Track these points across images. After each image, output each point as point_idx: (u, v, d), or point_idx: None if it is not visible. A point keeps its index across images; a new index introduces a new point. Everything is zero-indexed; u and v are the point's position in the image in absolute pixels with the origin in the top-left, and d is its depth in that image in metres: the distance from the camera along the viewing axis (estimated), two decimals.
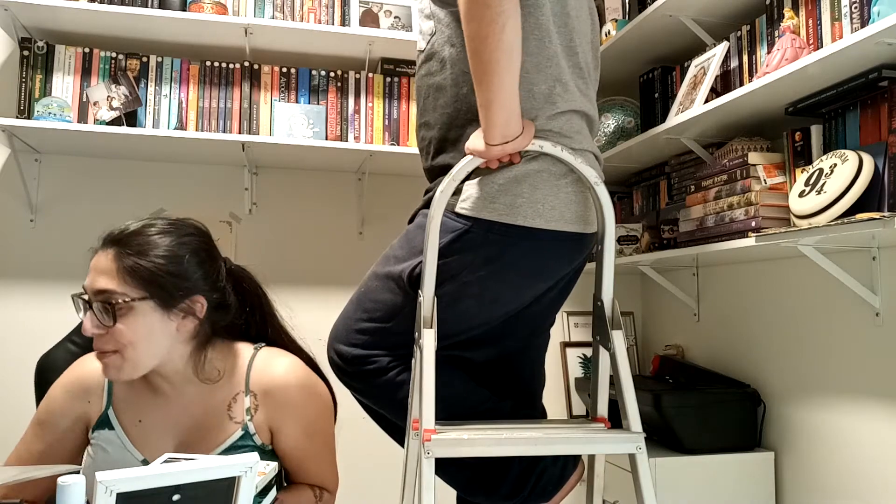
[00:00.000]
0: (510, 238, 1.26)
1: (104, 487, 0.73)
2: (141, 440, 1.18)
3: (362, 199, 2.53)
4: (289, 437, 1.21)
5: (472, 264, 1.27)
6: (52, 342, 1.45)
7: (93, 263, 1.15)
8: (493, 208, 1.25)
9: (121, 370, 1.13)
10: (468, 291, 1.29)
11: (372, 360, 1.34)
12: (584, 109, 1.34)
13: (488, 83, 1.15)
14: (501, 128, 1.17)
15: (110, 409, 1.21)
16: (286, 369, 1.22)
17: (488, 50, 1.12)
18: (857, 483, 1.73)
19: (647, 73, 2.36)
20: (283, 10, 2.33)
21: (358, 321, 1.36)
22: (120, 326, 1.11)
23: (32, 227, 2.30)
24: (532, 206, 1.25)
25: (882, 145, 1.49)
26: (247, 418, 1.19)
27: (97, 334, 1.12)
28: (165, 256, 1.14)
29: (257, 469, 0.84)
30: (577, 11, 1.36)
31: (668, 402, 1.93)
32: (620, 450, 1.12)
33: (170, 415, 1.20)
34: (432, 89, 1.37)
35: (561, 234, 1.28)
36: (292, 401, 1.21)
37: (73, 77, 2.19)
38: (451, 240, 1.26)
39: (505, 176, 1.26)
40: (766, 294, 2.06)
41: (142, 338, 1.13)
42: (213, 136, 2.16)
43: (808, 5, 1.70)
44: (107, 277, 1.12)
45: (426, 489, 1.04)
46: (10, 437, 1.18)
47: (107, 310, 1.11)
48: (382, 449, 2.23)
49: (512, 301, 1.35)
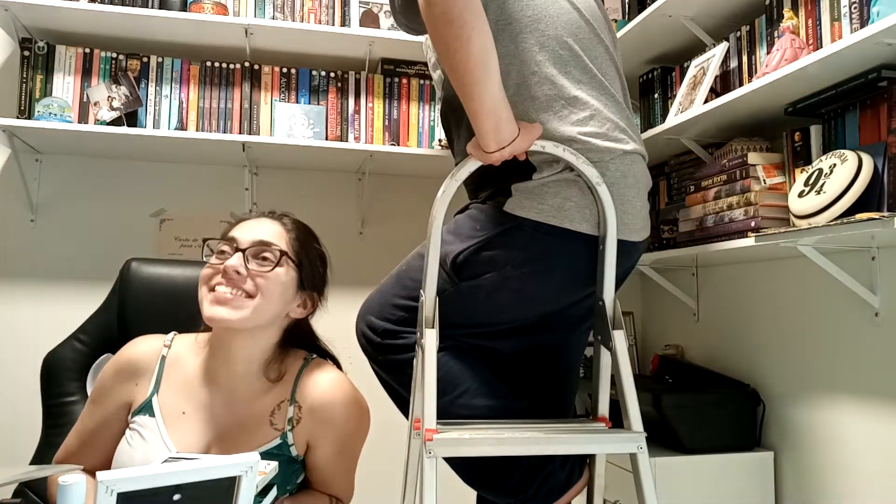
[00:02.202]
0: (557, 239, 1.28)
1: (104, 487, 0.73)
2: (179, 432, 1.17)
3: (362, 199, 2.53)
4: (325, 453, 1.21)
5: (516, 259, 1.29)
6: (53, 342, 1.45)
7: (250, 224, 1.23)
8: (542, 209, 1.27)
9: (241, 311, 1.16)
10: (508, 285, 1.31)
11: (402, 335, 1.35)
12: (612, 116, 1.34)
13: (469, 95, 1.17)
14: (493, 134, 1.18)
15: (155, 396, 1.20)
16: (334, 386, 1.22)
17: (461, 64, 1.15)
18: (857, 483, 1.73)
19: (647, 74, 2.37)
20: (284, 10, 2.34)
21: (395, 296, 1.38)
22: (270, 274, 1.18)
23: (33, 227, 2.30)
24: (580, 210, 1.27)
25: (881, 145, 1.49)
26: (287, 428, 1.18)
27: (239, 275, 1.16)
28: (318, 249, 1.29)
29: (258, 469, 0.84)
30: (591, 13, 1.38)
31: (668, 402, 1.93)
32: (621, 449, 1.13)
33: (214, 411, 1.19)
34: (451, 91, 1.39)
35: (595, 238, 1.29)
36: (335, 419, 1.21)
37: (74, 77, 2.20)
38: (499, 232, 1.29)
39: (554, 179, 1.28)
40: (766, 294, 2.07)
41: (276, 295, 1.19)
42: (213, 137, 2.16)
43: (808, 6, 1.71)
44: (273, 235, 1.22)
45: (427, 489, 1.04)
46: (12, 435, 1.18)
47: (265, 257, 1.19)
48: (384, 448, 2.24)
49: (548, 302, 1.36)
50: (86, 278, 2.32)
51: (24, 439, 1.22)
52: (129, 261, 1.47)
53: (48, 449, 1.35)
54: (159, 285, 1.44)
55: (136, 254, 1.60)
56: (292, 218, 1.29)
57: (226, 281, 1.16)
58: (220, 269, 1.17)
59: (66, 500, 0.74)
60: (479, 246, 1.30)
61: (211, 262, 1.20)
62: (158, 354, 1.23)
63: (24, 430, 1.24)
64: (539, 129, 1.23)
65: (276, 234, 1.22)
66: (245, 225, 1.24)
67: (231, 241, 1.20)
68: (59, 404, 1.40)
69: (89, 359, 1.44)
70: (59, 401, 1.40)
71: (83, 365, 1.43)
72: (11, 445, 1.21)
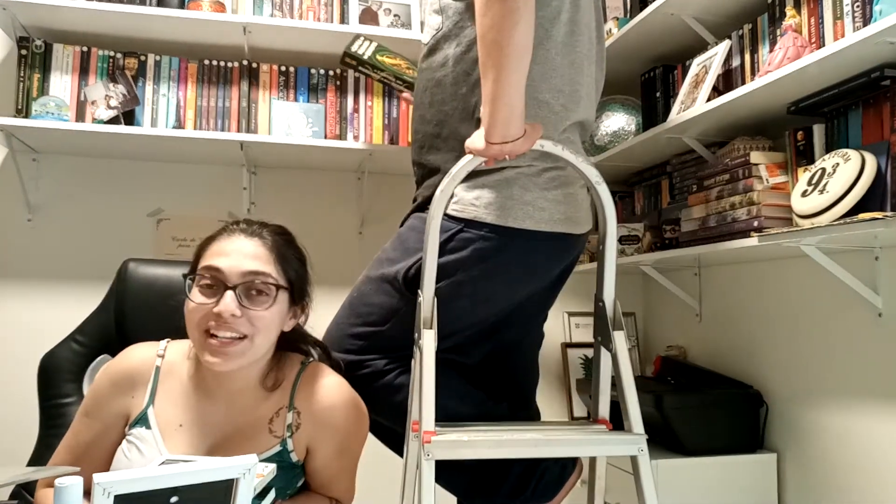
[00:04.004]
0: (502, 239, 1.28)
1: (101, 489, 0.72)
2: (176, 444, 1.15)
3: (362, 198, 2.52)
4: (325, 456, 1.20)
5: (465, 264, 1.29)
6: (50, 342, 1.44)
7: (233, 247, 1.14)
8: (485, 210, 1.27)
9: (243, 357, 1.12)
10: (462, 291, 1.30)
11: (367, 364, 1.33)
12: (584, 118, 1.38)
13: (495, 78, 1.14)
14: (502, 125, 1.16)
15: (151, 408, 1.16)
16: (333, 390, 1.20)
17: (499, 45, 1.13)
18: (861, 484, 1.72)
19: (649, 72, 2.35)
20: (282, 8, 2.32)
21: (351, 326, 1.36)
22: (267, 311, 1.12)
23: (30, 227, 2.29)
24: (522, 207, 1.28)
25: (884, 144, 1.48)
26: (287, 434, 1.17)
27: (234, 318, 1.09)
28: (300, 254, 1.21)
29: (255, 471, 0.83)
30: (588, 19, 1.37)
31: (670, 404, 1.92)
32: (622, 451, 1.11)
33: (211, 421, 1.16)
34: (431, 83, 1.38)
35: (550, 234, 1.31)
36: (336, 422, 1.19)
37: (71, 76, 2.18)
38: (444, 240, 1.27)
39: (495, 178, 1.29)
40: (769, 294, 2.05)
41: (273, 326, 1.14)
42: (211, 136, 2.15)
43: (810, 4, 1.70)
44: (261, 261, 1.13)
45: (426, 491, 1.03)
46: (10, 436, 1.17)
47: (260, 292, 1.12)
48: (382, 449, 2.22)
49: (504, 300, 1.36)
50: (83, 278, 2.31)
51: (21, 440, 1.21)
52: (126, 261, 1.46)
53: (45, 450, 1.34)
54: (157, 286, 1.43)
55: (134, 254, 1.60)
56: (266, 226, 1.20)
57: (221, 326, 1.10)
58: (212, 313, 1.10)
59: (65, 500, 0.73)
60: None
61: (196, 300, 1.12)
62: (153, 364, 1.19)
63: (21, 430, 1.23)
64: (540, 131, 1.23)
65: (263, 258, 1.14)
66: (224, 248, 1.14)
67: (216, 275, 1.12)
68: (56, 405, 1.39)
69: (87, 360, 1.43)
70: (57, 402, 1.40)
71: (80, 366, 1.42)
72: (9, 446, 1.21)
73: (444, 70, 1.35)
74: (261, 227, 1.19)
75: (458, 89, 1.33)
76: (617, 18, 2.34)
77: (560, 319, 2.64)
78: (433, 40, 1.39)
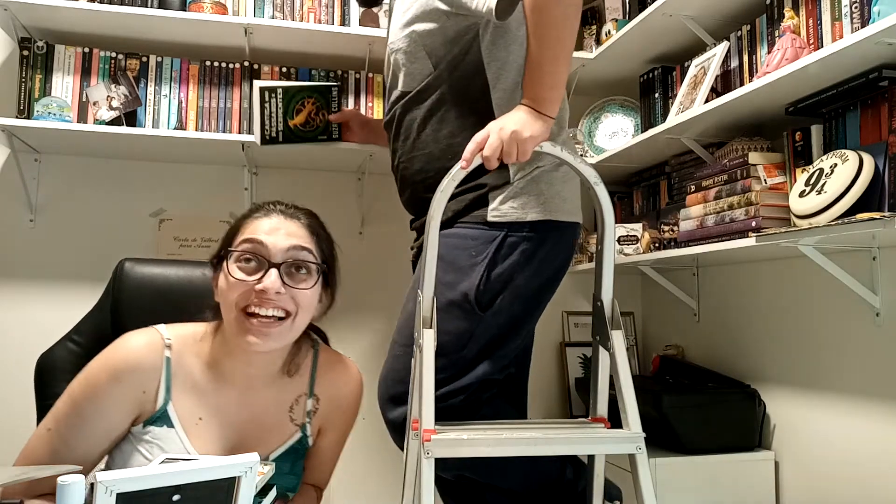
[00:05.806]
0: (540, 234, 1.35)
1: (104, 488, 0.73)
2: (200, 440, 1.09)
3: (362, 198, 2.53)
4: (330, 440, 1.21)
5: (519, 267, 1.33)
6: (52, 342, 1.45)
7: (273, 224, 1.11)
8: (522, 211, 1.33)
9: (282, 338, 1.09)
10: (521, 294, 1.35)
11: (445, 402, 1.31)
12: None
13: (565, 62, 1.25)
14: (552, 103, 1.24)
15: (170, 404, 1.09)
16: (353, 379, 1.22)
17: (564, 31, 1.22)
18: (857, 483, 1.73)
19: (648, 73, 2.36)
20: (283, 9, 2.33)
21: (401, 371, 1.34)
22: (310, 290, 1.09)
23: (32, 228, 2.30)
24: (552, 200, 1.36)
25: (882, 145, 1.49)
26: (306, 420, 1.17)
27: (279, 295, 1.05)
28: (331, 238, 1.19)
29: (257, 469, 0.84)
30: None
31: (669, 402, 1.92)
32: (620, 450, 1.12)
33: (231, 412, 1.12)
34: (432, 121, 1.42)
35: (573, 224, 1.41)
36: (350, 409, 1.22)
37: (73, 77, 2.19)
38: (494, 249, 1.32)
39: (523, 181, 1.36)
40: (767, 294, 2.06)
41: (312, 306, 1.12)
42: (212, 136, 2.15)
43: (809, 5, 1.70)
44: (302, 240, 1.11)
45: (426, 489, 1.03)
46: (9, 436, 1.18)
47: (301, 269, 1.10)
48: (382, 449, 2.24)
49: (547, 296, 1.42)
50: (84, 278, 2.31)
51: (19, 440, 1.21)
52: (122, 261, 1.45)
53: None
54: (153, 285, 1.42)
55: (136, 254, 1.60)
56: (300, 209, 1.18)
57: (265, 303, 1.05)
58: (252, 290, 1.05)
59: (66, 500, 0.73)
60: (488, 270, 1.32)
61: (235, 275, 1.07)
62: (161, 356, 1.10)
63: (19, 431, 1.23)
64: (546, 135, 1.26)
65: (305, 237, 1.12)
66: (263, 226, 1.10)
67: (259, 248, 1.07)
68: (53, 405, 1.39)
69: (83, 359, 1.40)
70: (54, 402, 1.39)
71: (77, 366, 1.40)
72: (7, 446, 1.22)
73: (444, 107, 1.42)
74: (295, 209, 1.17)
75: (465, 121, 1.39)
76: (616, 20, 2.35)
77: (558, 319, 2.65)
78: (422, 86, 1.43)
